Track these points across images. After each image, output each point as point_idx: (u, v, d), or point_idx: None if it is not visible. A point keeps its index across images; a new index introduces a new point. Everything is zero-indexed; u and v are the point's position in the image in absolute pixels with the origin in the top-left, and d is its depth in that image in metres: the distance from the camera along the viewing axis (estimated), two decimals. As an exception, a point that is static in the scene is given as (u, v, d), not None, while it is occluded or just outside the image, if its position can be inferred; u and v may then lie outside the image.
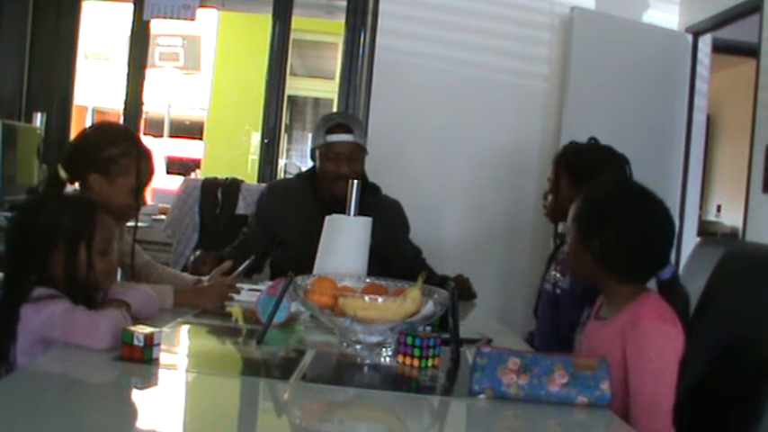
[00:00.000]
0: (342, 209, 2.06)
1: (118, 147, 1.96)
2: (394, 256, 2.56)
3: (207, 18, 8.10)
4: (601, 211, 1.70)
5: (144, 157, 2.00)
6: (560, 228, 2.38)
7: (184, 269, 2.72)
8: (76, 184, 2.00)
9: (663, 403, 1.54)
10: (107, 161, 1.95)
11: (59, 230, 1.60)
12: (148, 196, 2.49)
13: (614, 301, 1.71)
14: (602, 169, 2.18)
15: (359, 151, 2.61)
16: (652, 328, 1.57)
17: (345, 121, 2.64)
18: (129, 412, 1.23)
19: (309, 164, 2.76)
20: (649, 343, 1.56)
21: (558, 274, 2.27)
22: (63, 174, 1.96)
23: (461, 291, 2.46)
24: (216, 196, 4.02)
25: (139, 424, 1.17)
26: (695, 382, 1.71)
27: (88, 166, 1.96)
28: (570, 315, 2.10)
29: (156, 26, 4.92)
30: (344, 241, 1.99)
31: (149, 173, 2.04)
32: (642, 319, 1.58)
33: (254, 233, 2.70)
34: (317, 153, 2.62)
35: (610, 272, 1.68)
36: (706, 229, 6.10)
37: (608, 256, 1.66)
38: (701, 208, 4.96)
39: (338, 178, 2.52)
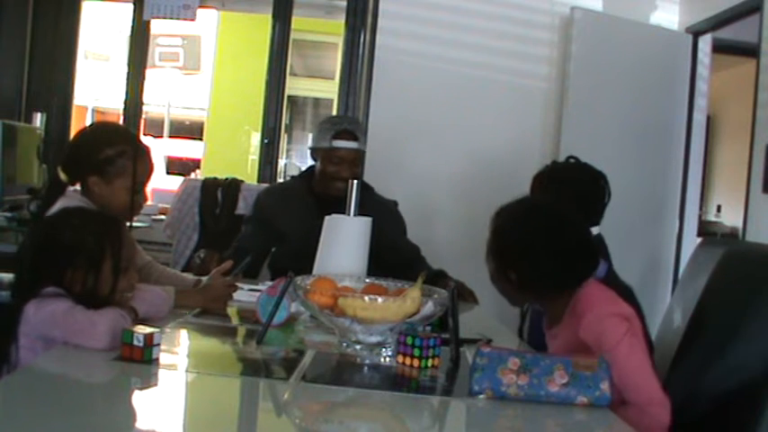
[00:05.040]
0: (339, 208, 2.06)
1: (113, 147, 1.96)
2: (391, 254, 2.56)
3: (207, 18, 8.10)
4: (507, 244, 1.72)
5: (141, 154, 2.00)
6: None
7: (184, 269, 2.72)
8: (77, 185, 2.00)
9: (636, 374, 1.56)
10: (104, 163, 1.95)
11: (82, 249, 1.58)
12: (148, 196, 2.49)
13: (555, 312, 1.74)
14: (581, 185, 2.20)
15: (361, 157, 2.67)
16: (596, 316, 1.60)
17: (351, 127, 2.66)
18: (129, 412, 1.23)
19: (309, 164, 2.76)
20: (598, 328, 1.59)
21: None
22: (63, 176, 1.96)
23: (462, 296, 2.47)
24: (216, 196, 4.01)
25: (139, 424, 1.17)
26: (695, 381, 1.72)
27: (86, 168, 1.96)
28: None
29: (156, 26, 4.94)
30: (344, 241, 1.99)
31: (148, 170, 2.03)
32: (585, 312, 1.62)
33: (249, 237, 2.70)
34: (320, 154, 2.64)
35: (537, 295, 1.73)
36: (706, 230, 6.10)
37: (528, 284, 1.70)
38: (701, 208, 4.96)
39: (338, 180, 2.56)
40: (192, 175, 7.70)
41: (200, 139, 9.24)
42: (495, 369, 1.36)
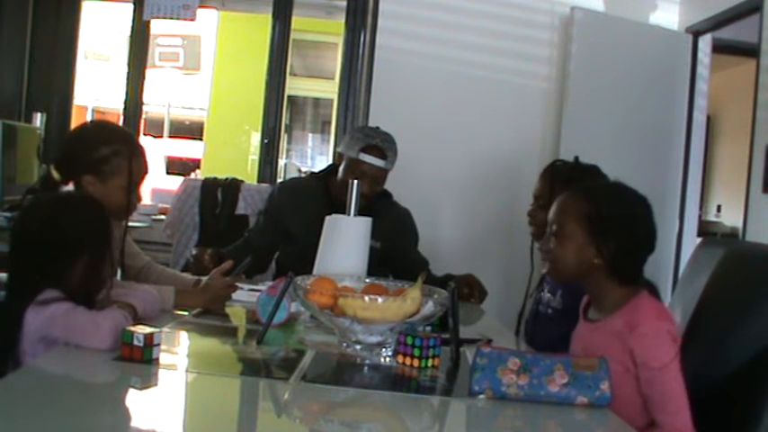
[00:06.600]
0: None
1: (109, 146, 1.94)
2: (400, 264, 2.55)
3: (207, 18, 8.09)
4: (616, 215, 1.67)
5: (136, 154, 1.98)
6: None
7: (184, 269, 2.72)
8: (70, 185, 1.99)
9: (679, 398, 1.56)
10: (99, 162, 1.92)
11: (85, 241, 1.59)
12: (147, 196, 2.49)
13: (603, 304, 1.70)
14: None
15: (385, 175, 2.62)
16: (653, 329, 1.58)
17: (383, 145, 2.59)
18: (129, 412, 1.23)
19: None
20: (653, 342, 1.56)
21: (549, 294, 2.26)
22: (56, 175, 1.94)
23: (474, 290, 2.46)
24: (216, 196, 4.02)
25: (139, 424, 1.17)
26: (695, 381, 1.71)
27: (80, 167, 1.93)
28: (561, 329, 2.10)
29: (156, 26, 4.92)
30: (344, 241, 1.99)
31: (143, 170, 2.01)
32: (642, 322, 1.59)
33: (260, 231, 2.70)
34: (345, 161, 2.59)
35: (615, 275, 1.66)
36: (706, 230, 6.11)
37: (621, 260, 1.65)
38: (701, 208, 4.96)
39: None
40: (192, 175, 7.70)
41: (200, 139, 9.24)
42: (495, 369, 1.36)
